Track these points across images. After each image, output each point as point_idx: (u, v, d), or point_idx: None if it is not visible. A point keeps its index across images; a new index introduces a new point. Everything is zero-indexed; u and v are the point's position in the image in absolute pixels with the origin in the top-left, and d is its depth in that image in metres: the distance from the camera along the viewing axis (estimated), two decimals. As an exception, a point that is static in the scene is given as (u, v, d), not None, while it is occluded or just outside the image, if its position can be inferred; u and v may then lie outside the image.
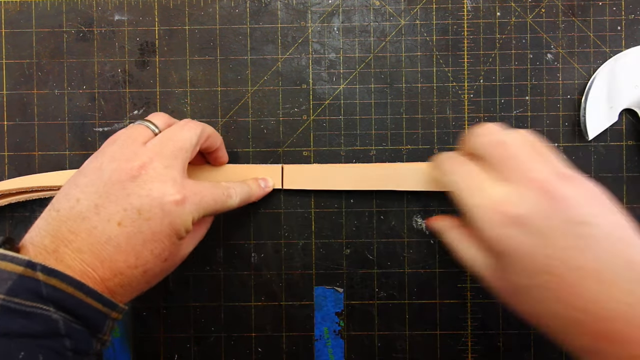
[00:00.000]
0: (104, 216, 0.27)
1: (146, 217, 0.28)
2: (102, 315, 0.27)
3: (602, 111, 0.37)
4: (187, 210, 0.29)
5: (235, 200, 0.33)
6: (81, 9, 0.38)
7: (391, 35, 0.38)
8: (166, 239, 0.29)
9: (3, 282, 0.25)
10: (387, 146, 0.38)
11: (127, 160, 0.29)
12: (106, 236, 0.27)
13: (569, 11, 0.38)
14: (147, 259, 0.28)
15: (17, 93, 0.38)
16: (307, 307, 0.38)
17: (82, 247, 0.27)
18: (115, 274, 0.28)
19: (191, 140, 0.31)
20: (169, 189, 0.28)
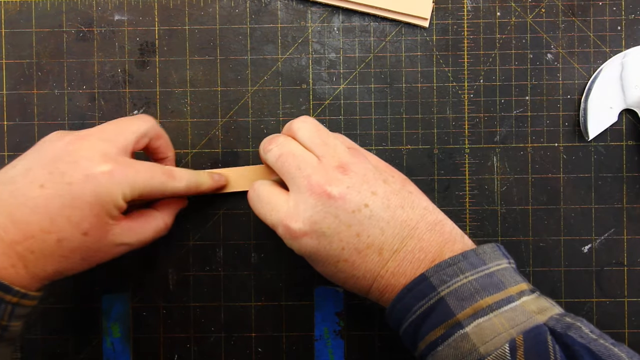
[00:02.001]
0: (29, 178, 0.28)
1: (68, 181, 0.27)
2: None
3: (602, 111, 0.37)
4: (116, 181, 0.28)
5: (181, 184, 0.32)
6: (81, 9, 0.38)
7: (391, 35, 0.38)
8: (87, 207, 0.28)
9: None
10: (387, 146, 0.38)
11: (70, 133, 0.30)
12: (25, 197, 0.27)
13: (569, 11, 0.38)
14: (63, 226, 0.27)
15: (17, 93, 0.38)
16: (307, 307, 0.38)
17: (0, 210, 0.27)
18: (27, 237, 0.27)
19: (139, 127, 0.31)
20: (97, 157, 0.28)
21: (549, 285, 0.37)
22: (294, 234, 0.28)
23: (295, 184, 0.29)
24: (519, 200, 0.38)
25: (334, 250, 0.28)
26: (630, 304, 0.37)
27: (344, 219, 0.28)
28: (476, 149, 0.38)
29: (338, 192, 0.28)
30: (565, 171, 0.38)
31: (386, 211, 0.28)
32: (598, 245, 0.37)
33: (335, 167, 0.29)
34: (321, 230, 0.28)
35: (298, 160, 0.29)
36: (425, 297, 0.26)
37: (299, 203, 0.28)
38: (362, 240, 0.28)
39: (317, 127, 0.31)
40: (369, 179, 0.29)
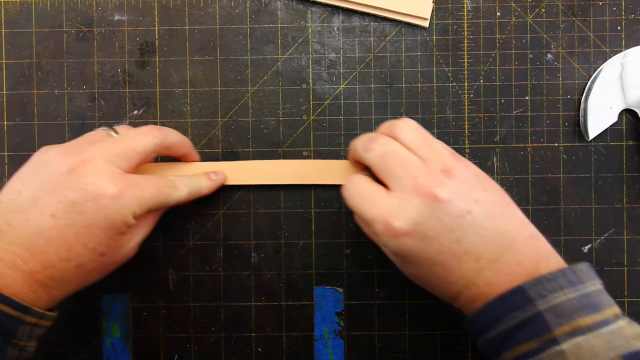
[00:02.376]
0: (39, 208, 0.27)
1: (80, 210, 0.27)
2: (14, 320, 0.26)
3: (602, 111, 0.37)
4: (125, 203, 0.28)
5: (183, 192, 0.32)
6: (81, 9, 0.38)
7: (391, 35, 0.38)
8: (101, 232, 0.28)
9: None
10: (387, 146, 0.38)
11: (70, 154, 0.29)
12: (39, 228, 0.27)
13: (569, 11, 0.38)
14: (80, 252, 0.28)
15: (17, 93, 0.38)
16: (307, 307, 0.38)
17: (15, 239, 0.27)
18: (46, 267, 0.27)
19: (146, 145, 0.31)
20: (105, 182, 0.28)
21: (549, 285, 0.37)
22: (394, 233, 0.28)
23: (399, 184, 0.28)
24: (519, 200, 0.38)
25: (432, 253, 0.28)
26: (630, 304, 0.37)
27: (448, 222, 0.27)
28: (476, 149, 0.38)
29: (445, 196, 0.27)
30: (565, 171, 0.38)
31: (487, 220, 0.28)
32: (598, 245, 0.37)
33: (440, 170, 0.28)
34: (423, 232, 0.28)
35: (403, 161, 0.29)
36: (520, 308, 0.26)
37: (404, 202, 0.28)
38: (462, 246, 0.28)
39: (421, 130, 0.31)
40: (472, 186, 0.29)
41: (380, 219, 0.28)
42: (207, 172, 0.36)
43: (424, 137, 0.30)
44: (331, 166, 0.37)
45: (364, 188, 0.30)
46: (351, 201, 0.30)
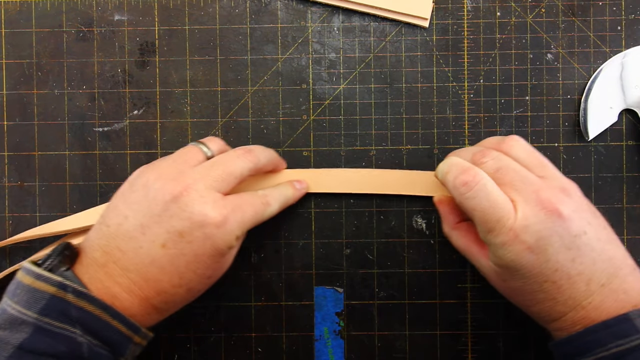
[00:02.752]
0: (148, 237, 0.28)
1: (188, 240, 0.28)
2: (125, 338, 0.28)
3: (602, 111, 0.37)
4: (229, 229, 0.29)
5: (274, 207, 0.33)
6: (81, 9, 0.38)
7: (391, 35, 0.38)
8: (209, 259, 0.29)
9: (37, 302, 0.26)
10: (387, 146, 0.38)
11: (171, 180, 0.29)
12: (150, 257, 0.28)
13: (569, 11, 0.38)
14: (191, 278, 0.29)
15: (17, 93, 0.38)
16: (307, 307, 0.38)
17: (128, 265, 0.28)
18: (159, 293, 0.29)
19: (242, 170, 0.31)
20: (210, 211, 0.29)
21: (549, 285, 0.37)
22: (521, 244, 0.28)
23: (521, 196, 0.29)
24: (519, 200, 0.38)
25: (547, 269, 0.28)
26: (630, 304, 0.37)
27: (567, 241, 0.28)
28: (476, 149, 0.38)
29: (567, 213, 0.28)
30: (565, 171, 0.37)
31: (598, 243, 0.28)
32: (598, 245, 0.37)
33: (558, 188, 0.29)
34: (544, 247, 0.28)
35: (521, 175, 0.29)
36: (626, 337, 0.26)
37: (529, 215, 0.28)
38: (576, 266, 0.28)
39: (532, 148, 0.31)
40: (585, 208, 0.29)
41: (508, 229, 0.28)
42: (292, 180, 0.36)
43: (536, 156, 0.31)
44: (420, 178, 0.36)
45: (492, 191, 0.29)
46: (474, 202, 0.29)
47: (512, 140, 0.31)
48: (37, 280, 0.26)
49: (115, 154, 0.38)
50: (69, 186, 0.38)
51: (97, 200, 0.38)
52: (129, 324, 0.28)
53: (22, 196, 0.38)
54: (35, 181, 0.38)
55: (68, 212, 0.38)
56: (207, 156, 0.32)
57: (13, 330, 0.26)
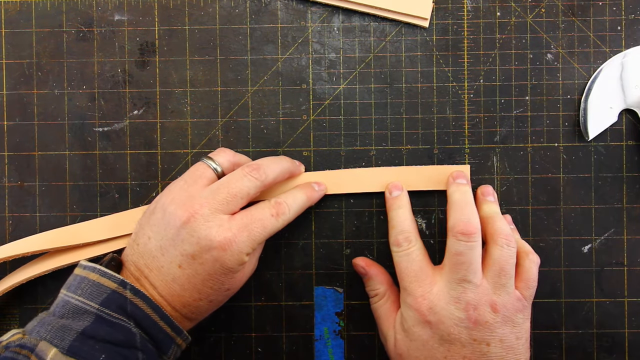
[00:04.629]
0: (167, 258, 0.31)
1: (199, 262, 0.30)
2: (169, 338, 0.30)
3: (602, 111, 0.37)
4: (236, 250, 0.31)
5: (289, 214, 0.34)
6: (81, 9, 0.38)
7: (391, 35, 0.38)
8: (222, 277, 0.31)
9: (99, 294, 0.29)
10: (387, 146, 0.38)
11: (182, 206, 0.31)
12: (171, 276, 0.31)
13: (569, 11, 0.38)
14: (209, 292, 0.31)
15: (17, 93, 0.38)
16: (307, 307, 0.38)
17: (155, 282, 0.31)
18: (184, 305, 0.31)
19: (249, 190, 0.32)
20: (215, 235, 0.30)
21: (549, 285, 0.37)
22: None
23: (461, 287, 0.32)
24: (519, 200, 0.38)
25: (440, 355, 0.32)
26: (630, 304, 0.37)
27: (470, 340, 0.32)
28: (476, 149, 0.38)
29: (482, 322, 0.32)
30: (565, 171, 0.38)
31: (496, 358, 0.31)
32: (598, 245, 0.37)
33: (493, 303, 0.32)
34: (447, 336, 0.32)
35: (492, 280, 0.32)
36: None
37: (443, 304, 0.32)
38: None
39: (534, 276, 0.33)
40: (508, 320, 0.32)
41: (415, 304, 0.32)
42: (310, 182, 0.36)
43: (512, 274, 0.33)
44: (433, 172, 0.37)
45: None
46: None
47: (533, 260, 0.34)
48: (102, 277, 0.30)
49: (115, 154, 0.38)
50: (69, 186, 0.38)
51: (97, 200, 0.38)
52: (173, 326, 0.30)
53: (22, 196, 0.38)
54: (35, 181, 0.38)
55: (68, 212, 0.38)
56: (217, 173, 0.33)
57: (76, 318, 0.29)
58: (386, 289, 0.35)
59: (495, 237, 0.33)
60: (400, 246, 0.33)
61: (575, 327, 0.37)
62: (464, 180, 0.35)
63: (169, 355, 0.31)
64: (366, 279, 0.37)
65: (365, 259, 0.37)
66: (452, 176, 0.36)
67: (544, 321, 0.37)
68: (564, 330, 0.37)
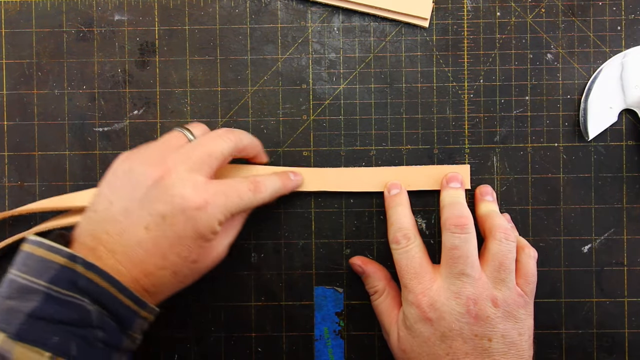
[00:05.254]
0: (132, 220, 0.29)
1: (170, 222, 0.29)
2: (132, 312, 0.28)
3: (602, 111, 0.37)
4: (211, 213, 0.29)
5: (265, 194, 0.33)
6: (81, 9, 0.38)
7: (391, 35, 0.38)
8: (191, 242, 0.29)
9: (47, 271, 0.27)
10: (387, 146, 0.38)
11: (154, 164, 0.30)
12: (135, 239, 0.29)
13: (569, 11, 0.38)
14: (175, 261, 0.29)
15: (17, 93, 0.38)
16: (307, 307, 0.38)
17: (115, 248, 0.29)
18: (146, 275, 0.29)
19: (222, 150, 0.31)
20: (190, 194, 0.29)
21: (549, 285, 0.37)
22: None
23: (461, 281, 0.32)
24: (519, 200, 0.38)
25: (442, 352, 0.32)
26: (630, 304, 0.37)
27: (471, 336, 0.31)
28: (476, 149, 0.38)
29: (482, 317, 0.31)
30: (565, 171, 0.38)
31: (499, 356, 0.31)
32: (598, 245, 0.37)
33: (494, 298, 0.32)
34: (448, 332, 0.32)
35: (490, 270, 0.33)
36: None
37: (443, 299, 0.32)
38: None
39: (533, 270, 0.33)
40: (510, 316, 0.32)
41: (415, 301, 0.32)
42: (286, 171, 0.36)
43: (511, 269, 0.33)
44: (432, 172, 0.37)
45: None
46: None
47: (530, 254, 0.34)
48: (49, 252, 0.27)
49: (115, 154, 0.38)
50: (69, 186, 0.38)
51: (97, 200, 0.38)
52: (134, 298, 0.28)
53: (22, 196, 0.38)
54: (35, 181, 0.38)
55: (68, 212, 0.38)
56: (190, 140, 0.32)
57: (23, 299, 0.26)
58: (385, 285, 0.36)
59: (493, 231, 0.33)
60: (399, 243, 0.34)
61: (575, 327, 0.37)
62: (458, 184, 0.35)
63: (134, 329, 0.29)
64: (364, 277, 0.37)
65: (362, 257, 0.37)
66: (445, 178, 0.36)
67: (544, 321, 0.37)
68: (564, 330, 0.37)
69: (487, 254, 0.33)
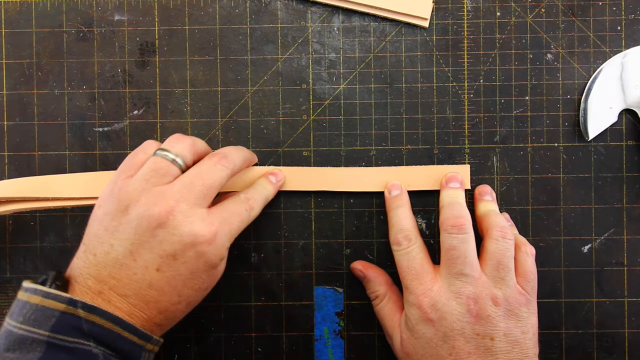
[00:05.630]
0: (141, 263, 0.29)
1: (182, 261, 0.29)
2: (138, 348, 0.28)
3: (602, 111, 0.37)
4: (220, 243, 0.30)
5: (257, 209, 0.34)
6: (81, 9, 0.38)
7: (391, 35, 0.38)
8: (204, 274, 0.30)
9: (48, 319, 0.26)
10: (387, 146, 0.38)
11: (154, 205, 0.29)
12: (147, 282, 0.29)
13: (569, 11, 0.38)
14: (189, 294, 0.30)
15: (17, 93, 0.38)
16: (307, 307, 0.38)
17: (126, 291, 0.28)
18: (161, 312, 0.29)
19: (222, 179, 0.31)
20: (199, 230, 0.29)
21: (549, 285, 0.37)
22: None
23: (460, 281, 0.32)
24: (519, 200, 0.38)
25: (445, 353, 0.32)
26: (630, 304, 0.37)
27: (474, 336, 0.31)
28: (476, 149, 0.38)
29: (489, 316, 0.31)
30: (565, 171, 0.38)
31: (502, 355, 0.31)
32: (598, 245, 0.37)
33: (495, 297, 0.32)
34: (451, 333, 0.32)
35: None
36: None
37: (444, 300, 0.32)
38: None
39: (532, 267, 0.33)
40: (511, 316, 0.32)
41: (416, 302, 0.32)
42: (266, 174, 0.36)
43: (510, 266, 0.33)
44: (433, 172, 0.37)
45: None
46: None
47: (527, 251, 0.34)
48: (46, 299, 0.26)
49: (115, 154, 0.38)
50: (69, 186, 0.38)
51: (97, 200, 0.38)
52: (140, 333, 0.28)
53: (22, 196, 0.38)
54: (35, 181, 0.38)
55: (68, 212, 0.38)
56: (181, 168, 0.31)
57: (24, 350, 0.25)
58: (386, 290, 0.36)
59: (490, 230, 0.33)
60: (400, 245, 0.34)
61: (575, 327, 0.37)
62: (457, 184, 0.36)
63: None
64: (365, 282, 0.37)
65: (363, 262, 0.37)
66: (445, 179, 0.36)
67: (544, 321, 0.37)
68: (564, 330, 0.37)
69: (485, 253, 0.33)
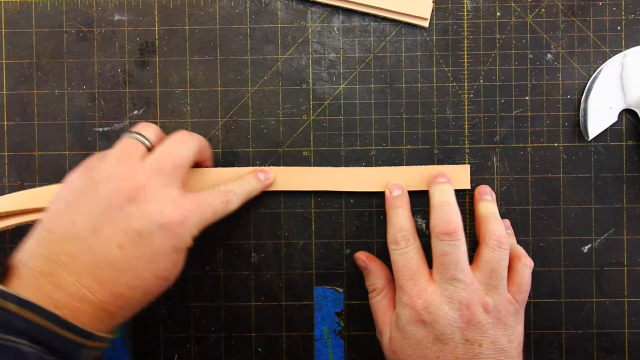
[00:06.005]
0: (103, 238, 0.27)
1: (147, 239, 0.28)
2: (77, 346, 0.26)
3: (602, 111, 0.37)
4: (187, 229, 0.29)
5: (235, 203, 0.33)
6: (81, 9, 0.38)
7: (391, 35, 0.38)
8: (167, 258, 0.29)
9: None
10: (387, 146, 0.38)
11: (125, 180, 0.28)
12: (106, 259, 0.27)
13: (569, 11, 0.38)
14: (148, 279, 0.28)
15: (17, 93, 0.38)
16: (307, 307, 0.38)
17: (80, 270, 0.27)
18: (116, 297, 0.28)
19: (188, 156, 0.31)
20: (169, 211, 0.29)
21: (549, 285, 0.37)
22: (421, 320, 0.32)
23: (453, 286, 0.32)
24: (519, 200, 0.38)
25: (432, 355, 0.32)
26: (630, 304, 0.37)
27: (462, 340, 0.31)
28: (476, 149, 0.38)
29: (474, 322, 0.31)
30: (565, 171, 0.38)
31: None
32: (598, 245, 0.37)
33: (486, 304, 0.32)
34: (442, 335, 0.32)
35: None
36: None
37: (439, 302, 0.32)
38: None
39: (526, 280, 0.33)
40: (501, 323, 0.32)
41: (410, 303, 0.32)
42: (256, 170, 0.36)
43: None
44: (433, 172, 0.37)
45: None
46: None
47: (526, 263, 0.34)
48: None
49: (115, 154, 0.38)
50: (69, 186, 0.38)
51: (97, 200, 0.38)
52: (79, 331, 0.26)
53: (22, 196, 0.38)
54: (35, 181, 0.38)
55: (68, 212, 0.38)
56: (147, 147, 0.31)
57: None
58: (385, 285, 0.36)
59: (486, 238, 0.33)
60: (398, 244, 0.33)
61: (575, 327, 0.37)
62: (444, 178, 0.35)
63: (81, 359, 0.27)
64: (366, 274, 0.37)
65: (367, 253, 0.37)
66: (433, 176, 0.36)
67: (544, 321, 0.37)
68: (564, 330, 0.37)
69: (480, 260, 0.33)
